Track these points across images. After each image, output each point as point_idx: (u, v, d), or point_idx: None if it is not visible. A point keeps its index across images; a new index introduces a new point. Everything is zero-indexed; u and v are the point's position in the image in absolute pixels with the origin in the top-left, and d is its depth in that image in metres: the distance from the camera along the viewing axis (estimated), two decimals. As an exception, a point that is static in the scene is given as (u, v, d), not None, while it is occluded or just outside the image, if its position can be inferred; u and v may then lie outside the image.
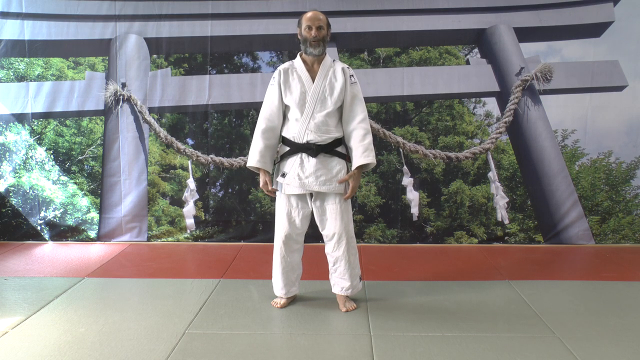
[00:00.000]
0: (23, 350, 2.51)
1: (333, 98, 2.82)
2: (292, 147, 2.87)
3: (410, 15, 4.39)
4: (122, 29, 4.42)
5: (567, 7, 4.34)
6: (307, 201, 2.91)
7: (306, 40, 2.81)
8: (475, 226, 4.49)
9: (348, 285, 2.97)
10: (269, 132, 2.88)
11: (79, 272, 3.68)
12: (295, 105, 2.83)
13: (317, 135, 2.82)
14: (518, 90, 4.36)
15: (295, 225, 2.92)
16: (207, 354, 2.46)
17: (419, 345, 2.54)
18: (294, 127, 2.85)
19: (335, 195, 2.86)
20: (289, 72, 2.87)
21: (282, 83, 2.85)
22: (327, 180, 2.82)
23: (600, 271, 3.76)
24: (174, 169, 4.55)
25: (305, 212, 2.92)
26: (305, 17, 2.82)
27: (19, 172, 4.55)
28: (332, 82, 2.84)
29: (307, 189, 2.84)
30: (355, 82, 2.87)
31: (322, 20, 2.81)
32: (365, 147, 2.79)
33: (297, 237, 2.97)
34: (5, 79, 4.47)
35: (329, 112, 2.82)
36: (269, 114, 2.88)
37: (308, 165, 2.82)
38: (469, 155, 4.45)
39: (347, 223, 2.90)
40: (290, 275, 3.03)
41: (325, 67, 2.85)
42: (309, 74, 2.84)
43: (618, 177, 4.44)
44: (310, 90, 2.82)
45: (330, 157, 2.85)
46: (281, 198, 2.94)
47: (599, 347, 2.52)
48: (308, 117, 2.81)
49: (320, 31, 2.79)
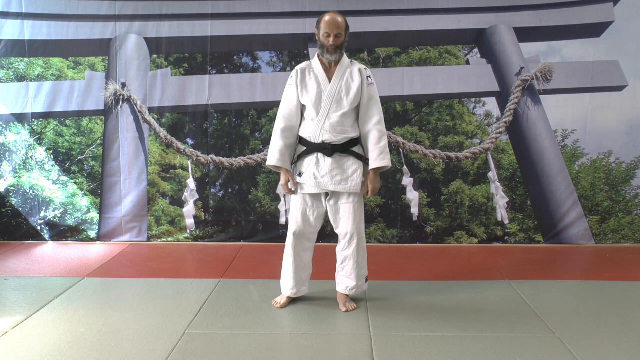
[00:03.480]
0: (23, 350, 2.51)
1: (349, 98, 2.83)
2: (308, 147, 2.88)
3: (410, 15, 4.40)
4: (122, 29, 4.42)
5: (567, 7, 4.34)
6: (322, 200, 2.93)
7: (323, 46, 2.81)
8: (475, 226, 4.49)
9: (353, 285, 2.98)
10: (288, 131, 2.89)
11: (79, 272, 3.68)
12: (312, 105, 2.84)
13: (333, 135, 2.83)
14: (518, 90, 4.36)
15: (309, 223, 2.94)
16: (207, 354, 2.46)
17: (419, 345, 2.54)
18: (310, 127, 2.87)
19: (350, 195, 2.88)
20: (306, 72, 2.88)
21: (299, 82, 2.87)
22: (342, 180, 2.84)
23: (600, 271, 3.76)
24: (174, 169, 4.55)
25: (320, 211, 2.94)
26: (324, 22, 2.79)
27: (19, 172, 4.55)
28: (348, 82, 2.85)
29: (322, 188, 2.86)
30: (373, 83, 2.88)
31: (341, 26, 2.79)
32: (381, 150, 2.82)
33: (310, 236, 2.98)
34: (5, 79, 4.47)
35: (345, 112, 2.83)
36: (288, 113, 2.89)
37: (324, 165, 2.84)
38: (469, 155, 4.45)
39: (360, 223, 2.92)
40: (302, 274, 3.04)
41: (342, 68, 2.87)
42: (325, 74, 2.86)
43: (618, 177, 4.44)
44: (327, 90, 2.83)
45: (346, 157, 2.87)
46: (297, 197, 2.95)
47: (599, 347, 2.52)
48: (324, 117, 2.83)
49: (338, 39, 2.79)
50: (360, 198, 2.93)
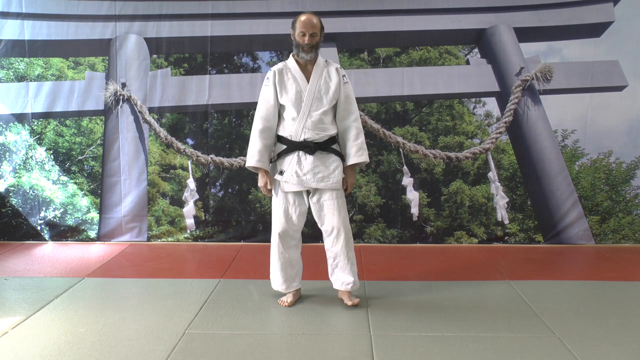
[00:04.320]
0: (23, 350, 2.51)
1: (328, 97, 2.89)
2: (289, 146, 2.91)
3: (410, 15, 4.39)
4: (122, 29, 4.42)
5: (567, 7, 4.34)
6: (304, 198, 2.96)
7: (299, 45, 2.87)
8: (475, 226, 4.48)
9: (351, 280, 2.99)
10: (267, 131, 2.92)
11: (79, 272, 3.68)
12: (292, 104, 2.88)
13: (314, 133, 2.87)
14: (518, 90, 4.36)
15: (292, 222, 2.96)
16: (207, 354, 2.46)
17: (419, 345, 2.54)
18: (291, 126, 2.90)
19: (332, 191, 2.91)
20: (283, 73, 2.93)
21: (277, 83, 2.90)
22: (325, 177, 2.88)
23: (600, 271, 3.76)
24: (174, 169, 4.55)
25: (302, 209, 2.96)
26: (300, 22, 2.84)
27: (19, 172, 4.55)
28: (327, 81, 2.91)
29: (305, 186, 2.89)
30: (347, 82, 2.97)
31: (316, 26, 2.85)
32: (359, 147, 2.90)
33: (293, 234, 3.00)
34: (5, 79, 4.47)
35: (325, 110, 2.89)
36: (266, 114, 2.93)
37: (305, 162, 2.87)
38: (469, 155, 4.45)
39: (345, 218, 2.96)
40: (289, 271, 3.05)
41: (319, 67, 2.92)
42: (302, 73, 2.90)
43: (618, 177, 4.44)
44: (306, 89, 2.88)
45: (327, 154, 2.91)
46: (278, 196, 2.97)
47: (599, 347, 2.52)
48: (305, 115, 2.87)
49: (314, 38, 2.84)
50: (342, 193, 2.97)
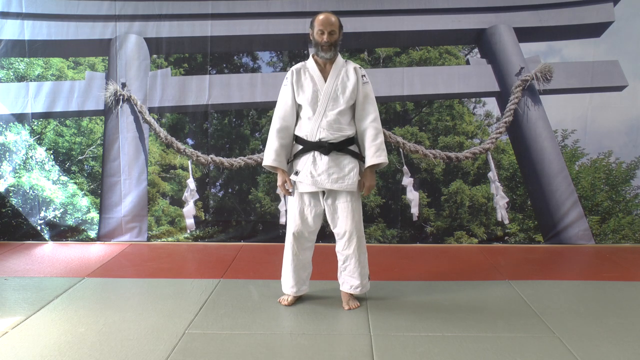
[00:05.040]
0: (23, 350, 2.51)
1: (345, 96, 2.86)
2: (305, 146, 2.90)
3: (410, 15, 4.39)
4: (122, 29, 4.42)
5: (567, 7, 4.34)
6: (320, 199, 2.94)
7: (318, 44, 2.84)
8: (475, 226, 4.49)
9: (357, 284, 2.98)
10: (284, 131, 2.91)
11: (79, 272, 3.68)
12: (308, 103, 2.86)
13: (330, 133, 2.84)
14: (518, 90, 4.36)
15: (307, 223, 2.94)
16: (207, 354, 2.46)
17: (419, 345, 2.54)
18: (307, 126, 2.88)
19: (347, 194, 2.89)
20: (301, 72, 2.91)
21: (294, 83, 2.89)
22: (339, 178, 2.85)
23: (600, 271, 3.76)
24: (174, 169, 4.55)
25: (318, 210, 2.94)
26: (318, 20, 2.83)
27: (19, 172, 4.55)
28: (344, 81, 2.87)
29: (319, 186, 2.86)
30: (367, 82, 2.92)
31: (335, 24, 2.83)
32: (378, 147, 2.86)
33: (309, 235, 2.98)
34: (5, 79, 4.47)
35: (341, 110, 2.86)
36: (283, 114, 2.91)
37: (320, 163, 2.85)
38: (469, 155, 4.45)
39: (358, 222, 2.93)
40: (301, 273, 3.04)
41: (337, 67, 2.89)
42: (321, 74, 2.89)
43: (618, 177, 4.44)
44: (323, 88, 2.86)
45: (342, 155, 2.88)
46: (294, 196, 2.96)
47: (599, 347, 2.52)
48: (320, 115, 2.85)
49: (332, 36, 2.82)
50: (358, 196, 2.94)
